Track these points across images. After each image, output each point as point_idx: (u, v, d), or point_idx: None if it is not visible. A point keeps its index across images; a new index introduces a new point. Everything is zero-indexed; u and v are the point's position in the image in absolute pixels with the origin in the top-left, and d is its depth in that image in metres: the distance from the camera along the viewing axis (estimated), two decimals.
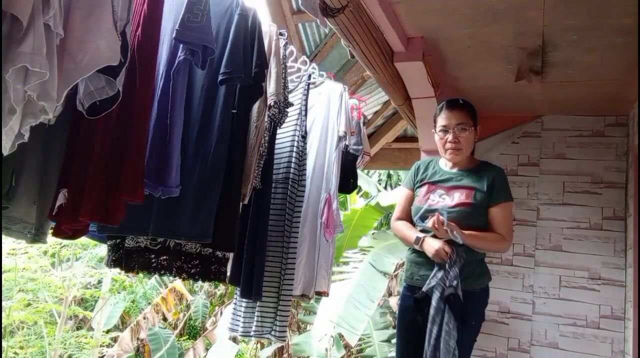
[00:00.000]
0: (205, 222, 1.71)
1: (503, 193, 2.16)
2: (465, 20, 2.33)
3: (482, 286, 2.19)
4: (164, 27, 1.61)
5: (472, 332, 2.17)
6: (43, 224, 1.60)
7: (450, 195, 2.17)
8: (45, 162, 1.54)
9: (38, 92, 1.13)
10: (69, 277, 5.90)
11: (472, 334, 2.17)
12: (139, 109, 1.46)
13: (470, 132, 2.21)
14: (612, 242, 3.15)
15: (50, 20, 1.10)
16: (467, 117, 2.22)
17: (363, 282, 4.82)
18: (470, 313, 2.06)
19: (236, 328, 2.26)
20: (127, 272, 1.94)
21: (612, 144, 3.25)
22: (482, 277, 2.19)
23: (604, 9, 2.15)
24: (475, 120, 2.25)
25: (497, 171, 2.22)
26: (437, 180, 2.25)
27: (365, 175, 7.12)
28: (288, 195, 2.23)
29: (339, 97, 2.46)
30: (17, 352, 5.51)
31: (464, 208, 2.12)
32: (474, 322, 2.16)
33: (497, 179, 2.17)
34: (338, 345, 4.95)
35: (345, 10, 1.96)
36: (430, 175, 2.29)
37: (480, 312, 2.21)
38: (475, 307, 2.14)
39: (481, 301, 2.21)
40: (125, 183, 1.43)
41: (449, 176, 2.23)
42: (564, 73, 2.78)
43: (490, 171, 2.20)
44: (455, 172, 2.24)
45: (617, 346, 3.02)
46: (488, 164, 2.28)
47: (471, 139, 2.23)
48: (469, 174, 2.20)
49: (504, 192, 2.16)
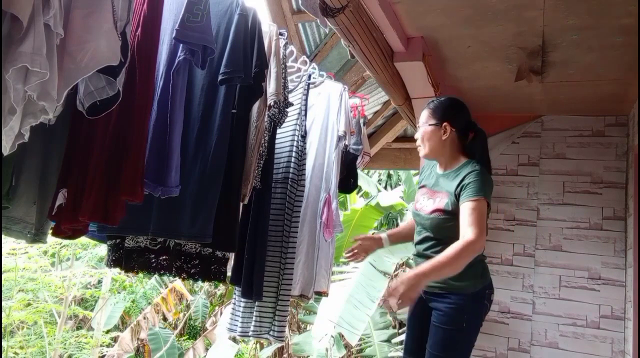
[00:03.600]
0: (205, 222, 1.71)
1: (469, 191, 1.98)
2: (465, 20, 2.33)
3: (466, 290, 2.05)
4: (164, 27, 1.61)
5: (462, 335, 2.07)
6: (43, 224, 1.60)
7: (432, 199, 2.12)
8: (45, 162, 1.54)
9: (38, 92, 1.13)
10: (69, 277, 5.91)
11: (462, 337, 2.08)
12: (139, 109, 1.46)
13: (428, 127, 2.12)
14: (612, 242, 3.15)
15: (51, 20, 1.10)
16: (427, 116, 2.14)
17: (363, 282, 4.83)
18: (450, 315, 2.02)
19: (234, 328, 2.26)
20: (127, 271, 1.94)
21: (612, 144, 3.25)
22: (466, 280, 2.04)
23: (604, 9, 2.15)
24: (438, 116, 2.12)
25: (470, 170, 2.04)
26: (428, 183, 2.23)
27: (365, 175, 7.12)
28: (287, 195, 2.23)
29: (339, 97, 2.46)
30: (17, 352, 5.51)
31: (438, 214, 2.07)
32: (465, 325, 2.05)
33: (467, 179, 2.01)
34: (338, 345, 4.95)
35: (345, 10, 1.96)
36: (425, 178, 2.27)
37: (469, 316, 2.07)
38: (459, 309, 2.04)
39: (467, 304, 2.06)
40: (125, 184, 1.43)
41: (436, 178, 2.18)
42: (564, 73, 2.78)
43: (464, 171, 2.06)
44: (441, 173, 2.16)
45: (617, 346, 3.02)
46: (467, 163, 2.11)
47: (431, 134, 2.12)
48: (449, 176, 2.11)
49: (470, 190, 1.98)
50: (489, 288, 2.15)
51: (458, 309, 2.03)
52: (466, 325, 2.07)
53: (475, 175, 2.01)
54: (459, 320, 2.05)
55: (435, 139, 2.11)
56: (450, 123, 2.11)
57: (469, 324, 2.08)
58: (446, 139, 2.11)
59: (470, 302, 2.07)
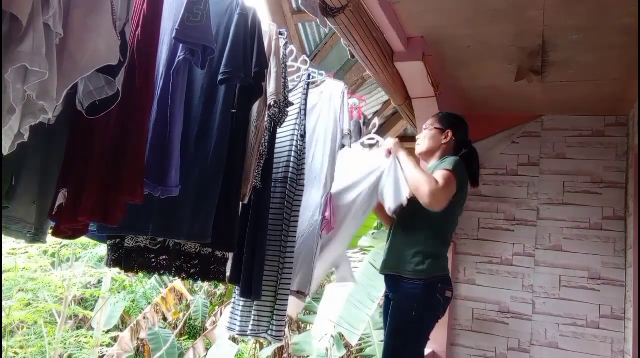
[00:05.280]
0: (204, 222, 1.71)
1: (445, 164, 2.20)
2: (465, 20, 2.33)
3: (416, 275, 2.17)
4: (164, 27, 1.61)
5: (412, 325, 2.17)
6: (43, 224, 1.60)
7: None
8: (45, 162, 1.54)
9: (37, 92, 1.13)
10: (69, 277, 5.90)
11: (413, 327, 2.17)
12: (139, 108, 1.46)
13: (432, 130, 2.36)
14: (612, 242, 3.15)
15: (50, 19, 1.10)
16: (435, 120, 2.38)
17: (363, 282, 4.82)
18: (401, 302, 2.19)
19: (233, 327, 2.26)
20: (127, 271, 1.93)
21: (612, 144, 3.25)
22: (413, 265, 2.19)
23: (604, 9, 2.15)
24: (443, 123, 2.36)
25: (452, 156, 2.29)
26: None
27: None
28: (287, 195, 2.22)
29: (341, 95, 2.46)
30: (17, 352, 5.51)
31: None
32: (414, 314, 2.15)
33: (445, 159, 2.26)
34: (338, 345, 4.95)
35: (345, 10, 1.96)
36: None
37: (419, 305, 2.17)
38: (410, 297, 2.17)
39: (418, 293, 2.17)
40: (125, 183, 1.42)
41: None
42: (564, 73, 2.79)
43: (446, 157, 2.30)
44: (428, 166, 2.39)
45: (617, 346, 3.02)
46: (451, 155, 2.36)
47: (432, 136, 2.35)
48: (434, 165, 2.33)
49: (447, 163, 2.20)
50: (443, 282, 2.22)
51: (409, 297, 2.18)
52: (416, 315, 2.16)
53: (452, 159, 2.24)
54: (408, 308, 2.17)
55: (435, 140, 2.35)
56: (453, 132, 2.35)
57: (419, 314, 2.17)
58: (445, 143, 2.34)
59: (421, 291, 2.17)
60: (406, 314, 2.17)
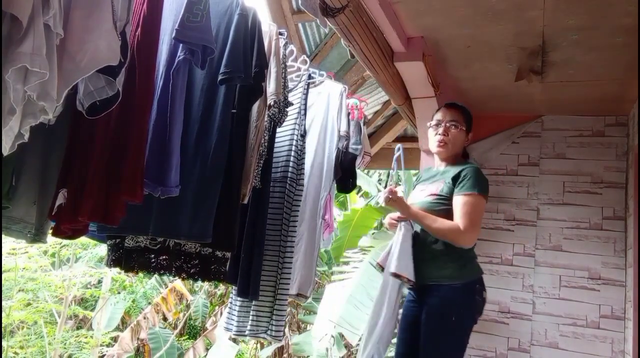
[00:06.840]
0: (204, 221, 1.71)
1: (468, 184, 2.11)
2: (465, 20, 2.33)
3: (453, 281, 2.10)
4: (164, 27, 1.61)
5: (452, 329, 2.08)
6: (43, 224, 1.60)
7: (428, 188, 2.25)
8: (45, 162, 1.54)
9: (38, 92, 1.13)
10: (69, 277, 5.90)
11: (453, 331, 2.09)
12: (139, 108, 1.46)
13: (460, 131, 2.25)
14: (612, 242, 3.15)
15: (50, 20, 1.10)
16: (461, 116, 2.28)
17: (363, 282, 4.81)
18: (439, 307, 2.08)
19: (230, 327, 2.25)
20: (127, 271, 1.94)
21: (612, 144, 3.25)
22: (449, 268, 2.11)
23: (604, 9, 2.15)
24: (468, 124, 2.29)
25: (470, 166, 2.19)
26: (424, 179, 2.36)
27: (365, 175, 7.12)
28: (286, 194, 2.23)
29: (339, 97, 2.46)
30: (17, 352, 5.51)
31: (432, 198, 2.19)
32: (454, 318, 2.08)
33: (465, 172, 2.15)
34: (338, 345, 4.95)
35: (345, 10, 1.96)
36: (421, 178, 2.41)
37: (458, 309, 2.10)
38: (448, 302, 2.08)
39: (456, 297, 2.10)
40: (125, 184, 1.43)
41: (434, 173, 2.31)
42: (564, 73, 2.78)
43: (464, 166, 2.19)
44: (441, 169, 2.29)
45: (617, 346, 3.02)
46: (469, 163, 2.27)
47: (460, 138, 2.26)
48: (449, 170, 2.23)
49: (469, 183, 2.11)
50: (479, 283, 2.17)
51: (447, 301, 2.08)
52: (456, 319, 2.08)
53: (472, 170, 2.15)
54: (448, 312, 2.07)
55: (461, 142, 2.29)
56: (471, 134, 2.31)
57: (459, 318, 2.09)
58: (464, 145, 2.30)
59: (459, 294, 2.10)
60: (446, 320, 2.07)
